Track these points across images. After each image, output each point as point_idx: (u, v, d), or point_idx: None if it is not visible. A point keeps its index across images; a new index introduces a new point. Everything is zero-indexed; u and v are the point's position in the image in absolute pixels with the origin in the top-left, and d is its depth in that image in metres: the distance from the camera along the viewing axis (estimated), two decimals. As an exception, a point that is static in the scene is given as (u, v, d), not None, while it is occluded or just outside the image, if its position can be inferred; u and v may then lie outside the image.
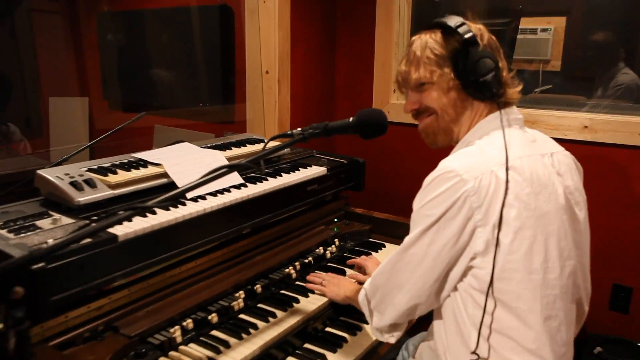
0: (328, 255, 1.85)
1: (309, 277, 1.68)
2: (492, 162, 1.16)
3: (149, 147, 3.46)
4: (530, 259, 1.13)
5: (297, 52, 2.61)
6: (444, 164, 1.18)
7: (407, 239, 1.21)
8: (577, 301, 1.25)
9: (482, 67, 1.23)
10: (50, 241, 1.23)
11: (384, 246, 1.98)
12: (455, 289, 1.18)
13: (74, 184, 1.43)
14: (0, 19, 4.17)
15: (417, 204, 1.20)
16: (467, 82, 1.26)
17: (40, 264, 1.09)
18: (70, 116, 4.32)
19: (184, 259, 1.50)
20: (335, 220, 2.07)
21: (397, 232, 1.99)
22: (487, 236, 1.12)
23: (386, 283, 1.27)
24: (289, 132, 1.36)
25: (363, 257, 1.82)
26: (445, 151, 1.35)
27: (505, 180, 1.13)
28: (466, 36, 1.24)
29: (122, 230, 1.29)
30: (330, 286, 1.59)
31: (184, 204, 1.50)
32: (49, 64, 4.35)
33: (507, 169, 1.14)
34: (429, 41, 1.30)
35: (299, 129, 1.37)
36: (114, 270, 1.28)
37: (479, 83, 1.24)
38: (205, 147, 1.90)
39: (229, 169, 1.10)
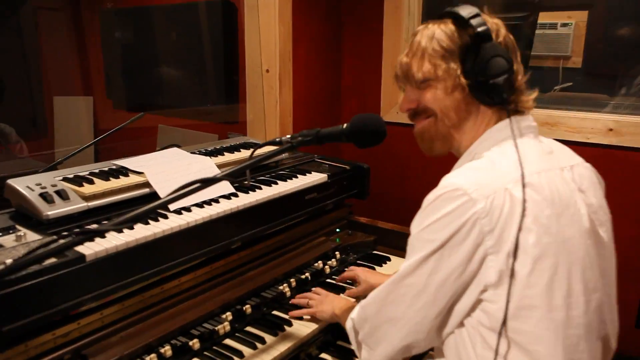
0: (327, 270, 1.70)
1: (293, 301, 1.51)
2: (505, 179, 1.00)
3: (153, 147, 3.37)
4: (551, 293, 0.97)
5: (300, 49, 2.46)
6: (449, 181, 1.02)
7: (403, 267, 1.06)
8: (603, 338, 1.08)
9: (494, 67, 1.07)
10: (9, 261, 1.10)
11: (389, 259, 1.83)
12: (461, 324, 1.02)
13: (43, 196, 1.30)
14: (6, 17, 4.09)
15: (416, 226, 1.05)
16: (474, 83, 1.09)
17: (-11, 291, 0.96)
18: (74, 116, 4.25)
19: (165, 277, 1.37)
20: (338, 230, 1.92)
21: (404, 243, 1.82)
22: (500, 265, 0.96)
23: (377, 315, 1.12)
24: (277, 140, 1.22)
25: (351, 268, 1.67)
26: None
27: (521, 199, 0.97)
28: (479, 30, 1.07)
29: (92, 248, 1.16)
30: (319, 304, 1.43)
31: (165, 217, 1.36)
32: (53, 63, 4.27)
33: (523, 186, 0.98)
34: (436, 32, 1.13)
35: (288, 135, 1.23)
36: (81, 294, 1.14)
37: (488, 85, 1.08)
38: (197, 153, 1.77)
39: (203, 183, 0.97)
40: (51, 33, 4.28)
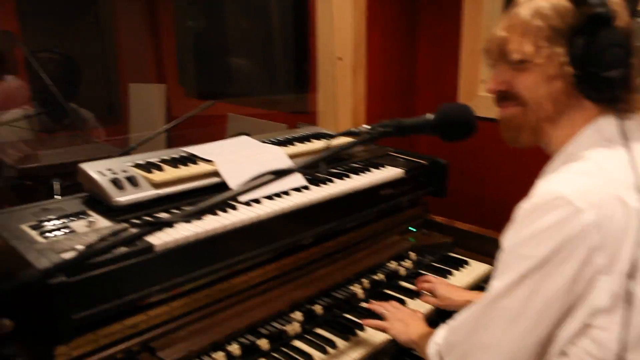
0: (402, 271, 1.59)
1: (367, 306, 1.41)
2: (616, 184, 0.86)
3: (223, 135, 3.36)
4: None
5: (374, 36, 2.34)
6: (549, 187, 0.88)
7: (496, 287, 0.92)
8: None
9: (610, 57, 0.90)
10: (79, 247, 1.08)
11: (467, 263, 1.69)
12: (563, 354, 0.88)
13: (114, 182, 1.27)
14: (86, 5, 4.23)
15: (510, 239, 0.91)
16: (582, 74, 0.93)
17: (60, 278, 0.93)
18: (148, 102, 4.33)
19: (233, 272, 1.31)
20: (412, 229, 1.81)
21: (484, 247, 1.70)
22: (613, 287, 0.82)
23: (467, 341, 0.98)
24: (355, 130, 1.13)
25: (428, 277, 1.54)
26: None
27: (638, 209, 0.83)
28: (598, 10, 0.91)
29: (161, 238, 1.11)
30: (395, 322, 1.30)
31: (235, 209, 1.30)
32: (129, 50, 4.38)
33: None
34: (544, 6, 0.96)
35: (367, 126, 1.13)
36: (149, 285, 1.10)
37: (598, 78, 0.92)
38: (267, 142, 1.70)
39: (276, 175, 0.89)
40: (127, 21, 4.39)
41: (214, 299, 1.27)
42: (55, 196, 1.52)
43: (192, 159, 1.48)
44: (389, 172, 1.66)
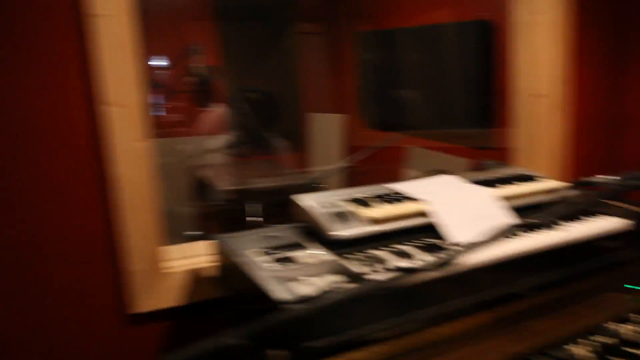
0: (625, 335, 1.41)
1: None
2: None
3: (399, 168, 3.35)
4: None
5: (578, 71, 2.18)
6: None
7: None
8: None
9: None
10: (309, 279, 1.13)
11: None
12: None
13: (328, 215, 1.33)
14: (274, 41, 4.61)
15: None
16: None
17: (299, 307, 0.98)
18: (327, 131, 4.54)
19: (449, 315, 1.27)
20: (634, 287, 1.60)
21: None
22: None
23: None
24: (593, 181, 1.04)
25: None
26: None
27: None
28: None
29: (383, 277, 1.12)
30: None
31: (448, 252, 1.27)
32: (310, 82, 4.66)
33: None
34: None
35: (611, 177, 1.03)
36: (372, 321, 1.11)
37: None
38: (470, 182, 1.65)
39: (519, 227, 0.84)
40: (309, 55, 4.68)
41: (430, 340, 1.23)
42: (247, 218, 1.62)
43: (397, 196, 1.49)
44: (612, 222, 1.49)
